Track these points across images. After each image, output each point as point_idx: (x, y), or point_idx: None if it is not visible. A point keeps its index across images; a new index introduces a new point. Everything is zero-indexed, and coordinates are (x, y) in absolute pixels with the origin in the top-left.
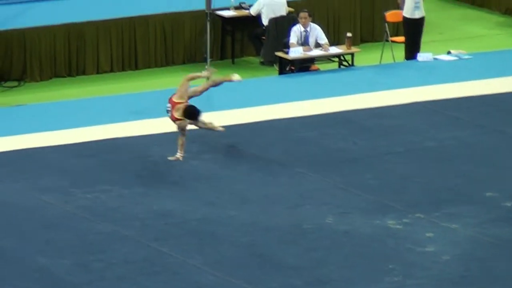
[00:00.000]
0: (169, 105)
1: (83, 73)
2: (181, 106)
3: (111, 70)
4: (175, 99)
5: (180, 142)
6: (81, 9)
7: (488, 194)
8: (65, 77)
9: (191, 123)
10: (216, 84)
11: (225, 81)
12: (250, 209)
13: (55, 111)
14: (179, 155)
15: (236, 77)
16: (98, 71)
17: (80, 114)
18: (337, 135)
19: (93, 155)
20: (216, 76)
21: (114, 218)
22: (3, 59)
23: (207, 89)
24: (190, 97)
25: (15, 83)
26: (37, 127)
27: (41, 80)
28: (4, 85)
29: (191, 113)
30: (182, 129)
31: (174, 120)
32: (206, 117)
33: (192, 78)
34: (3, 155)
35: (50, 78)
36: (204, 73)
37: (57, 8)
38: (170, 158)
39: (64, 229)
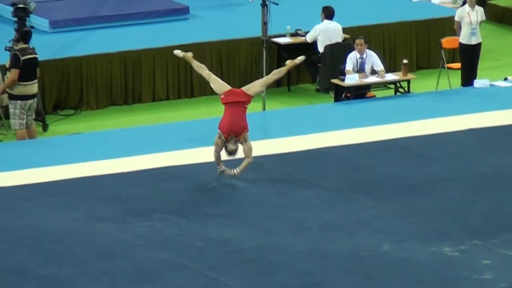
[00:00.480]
0: None
1: (139, 101)
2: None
3: (167, 98)
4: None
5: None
6: (137, 36)
7: None
8: (121, 105)
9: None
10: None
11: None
12: (307, 236)
13: (111, 140)
14: (234, 171)
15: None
16: (154, 99)
17: (136, 142)
18: (394, 162)
19: (149, 183)
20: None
21: (170, 247)
22: (59, 87)
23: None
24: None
25: (72, 112)
26: (93, 155)
27: (97, 108)
28: (60, 113)
29: None
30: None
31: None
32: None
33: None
34: (60, 184)
35: (106, 106)
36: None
37: (113, 35)
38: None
39: (120, 257)
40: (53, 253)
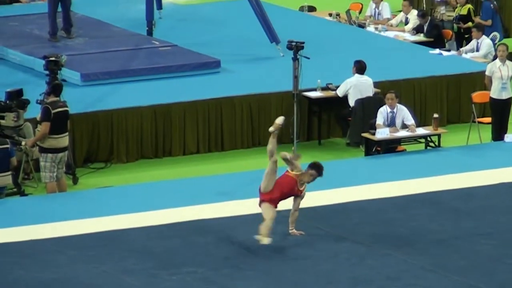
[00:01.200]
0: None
1: (170, 154)
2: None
3: (197, 151)
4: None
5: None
6: (168, 90)
7: None
8: (151, 158)
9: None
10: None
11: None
12: None
13: (141, 193)
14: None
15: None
16: (185, 152)
17: (166, 195)
18: (425, 216)
19: (179, 236)
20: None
21: None
22: (90, 140)
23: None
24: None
25: (102, 165)
26: (123, 209)
27: (128, 161)
28: (91, 166)
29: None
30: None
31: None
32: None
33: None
34: (90, 237)
35: (137, 159)
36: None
37: (144, 89)
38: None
39: None
40: None
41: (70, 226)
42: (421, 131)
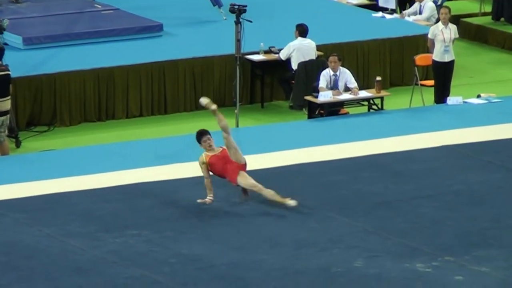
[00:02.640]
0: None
1: (113, 117)
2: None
3: (140, 115)
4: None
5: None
6: (110, 53)
7: None
8: (94, 121)
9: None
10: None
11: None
12: (279, 253)
13: (84, 156)
14: (208, 198)
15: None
16: (128, 115)
17: (109, 158)
18: (367, 179)
19: (122, 200)
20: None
21: (143, 263)
22: (33, 104)
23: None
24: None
25: (45, 128)
26: (66, 172)
27: (71, 124)
28: (33, 130)
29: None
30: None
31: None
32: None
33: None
34: (33, 200)
35: (80, 122)
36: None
37: (87, 52)
38: (199, 200)
39: (93, 274)
40: (26, 270)
41: (13, 189)
42: (364, 94)
